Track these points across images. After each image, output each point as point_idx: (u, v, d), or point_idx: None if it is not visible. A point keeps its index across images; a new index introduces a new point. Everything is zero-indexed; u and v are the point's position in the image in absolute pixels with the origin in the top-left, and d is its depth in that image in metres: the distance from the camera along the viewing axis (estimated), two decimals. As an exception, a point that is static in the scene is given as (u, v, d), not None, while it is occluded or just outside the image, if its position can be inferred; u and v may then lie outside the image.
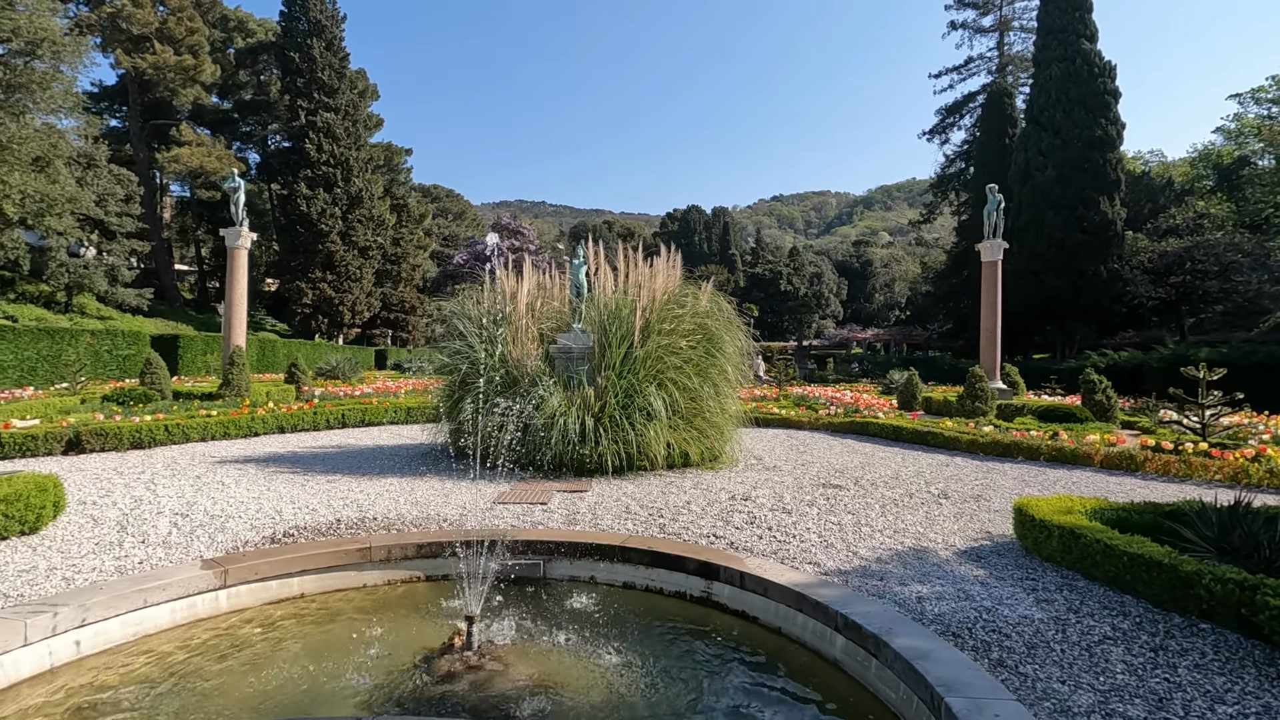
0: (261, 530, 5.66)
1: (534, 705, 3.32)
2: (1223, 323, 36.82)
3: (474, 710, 3.30)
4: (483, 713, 3.28)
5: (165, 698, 3.39)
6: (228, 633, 4.10)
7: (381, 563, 4.93)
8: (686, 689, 3.51)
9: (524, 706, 3.31)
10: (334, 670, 3.68)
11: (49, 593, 4.16)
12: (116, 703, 3.32)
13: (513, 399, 8.46)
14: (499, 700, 3.38)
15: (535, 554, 5.09)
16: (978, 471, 9.25)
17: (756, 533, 5.86)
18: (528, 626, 4.25)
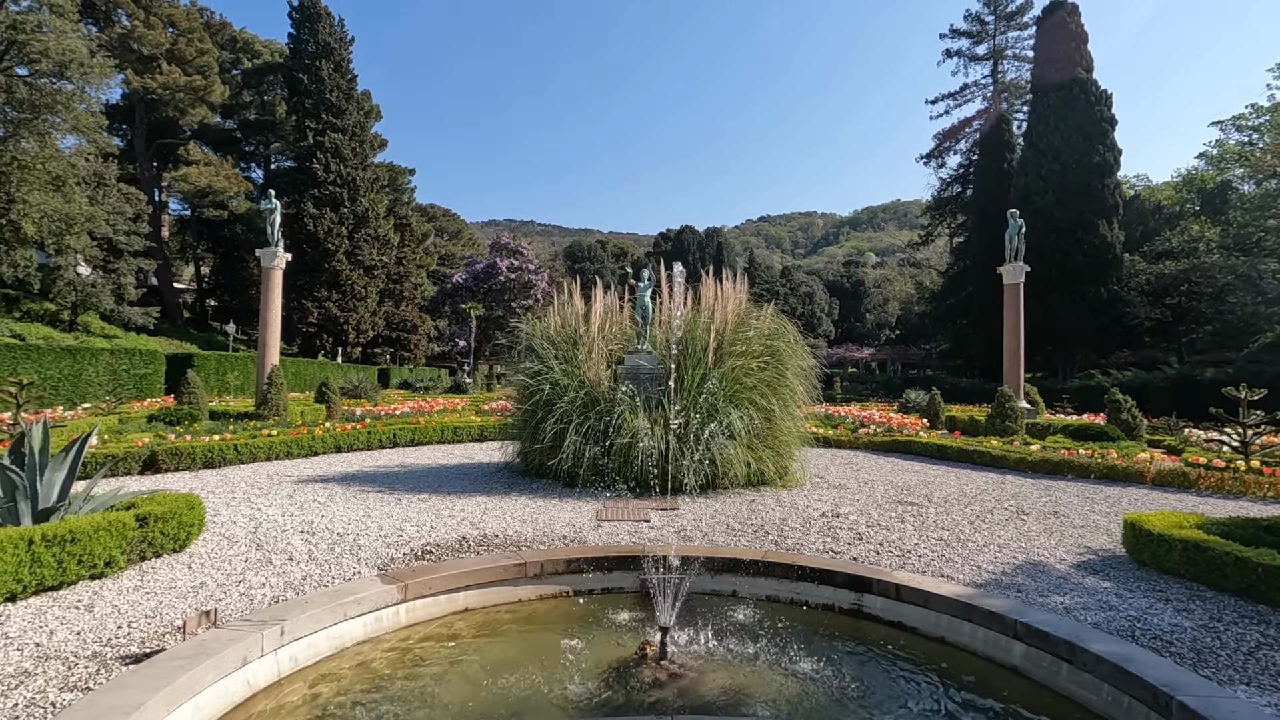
0: (399, 547, 5.82)
1: (752, 711, 3.51)
2: (1213, 342, 37.68)
3: (695, 715, 3.49)
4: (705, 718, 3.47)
5: (385, 703, 3.55)
6: (418, 644, 4.26)
7: (534, 578, 5.10)
8: (880, 695, 3.72)
9: (744, 711, 3.50)
10: (536, 679, 3.84)
11: (232, 609, 4.30)
12: (348, 705, 3.47)
13: (595, 419, 8.67)
14: (712, 706, 3.57)
15: (667, 570, 5.27)
16: (1035, 489, 9.53)
17: (869, 548, 6.09)
18: (698, 638, 4.44)
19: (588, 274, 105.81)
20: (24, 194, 23.19)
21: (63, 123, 23.16)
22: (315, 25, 43.99)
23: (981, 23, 48.60)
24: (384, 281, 48.33)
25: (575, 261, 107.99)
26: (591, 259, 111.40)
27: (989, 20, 48.37)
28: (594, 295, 10.16)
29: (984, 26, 48.59)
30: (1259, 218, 35.32)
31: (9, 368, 19.09)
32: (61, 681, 3.32)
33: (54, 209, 24.70)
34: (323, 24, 44.28)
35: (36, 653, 3.65)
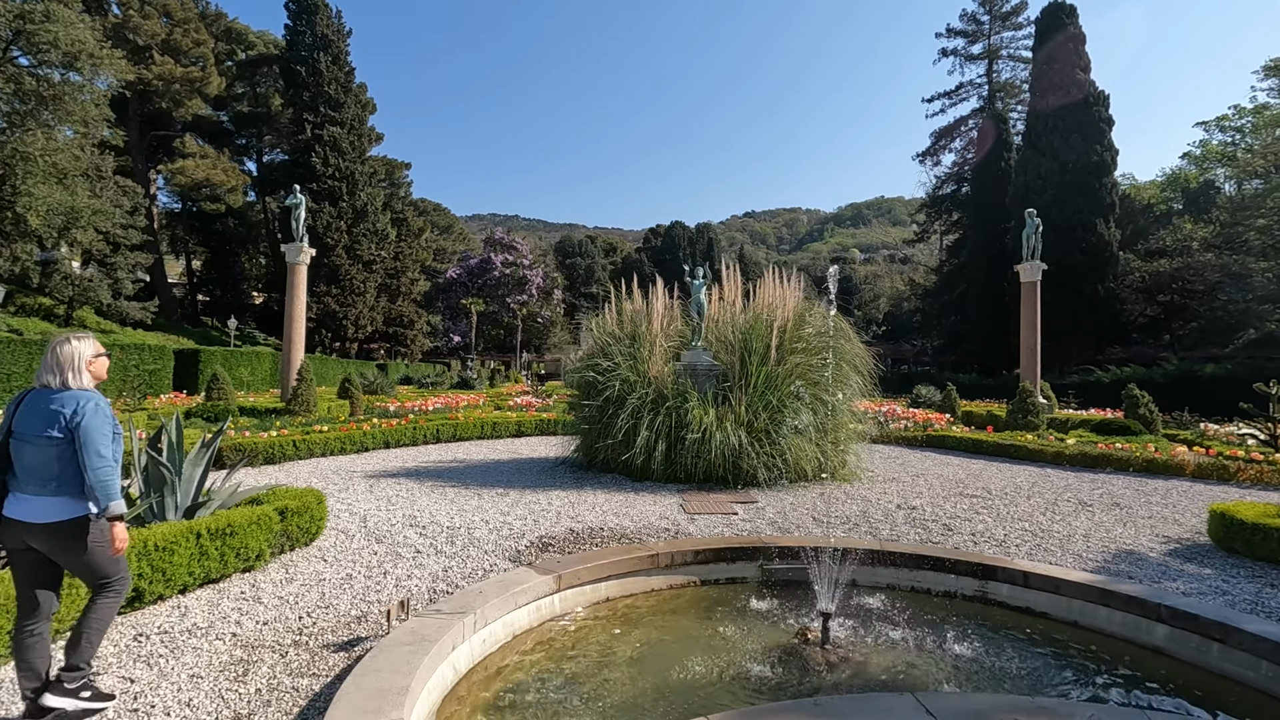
0: (516, 540, 5.96)
1: (935, 687, 3.71)
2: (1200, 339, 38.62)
3: (885, 691, 3.68)
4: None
5: (574, 682, 3.69)
6: (584, 629, 4.42)
7: (665, 568, 5.27)
8: (1040, 675, 3.94)
9: (927, 688, 3.70)
10: (713, 661, 4.01)
11: (386, 598, 4.44)
12: (546, 685, 3.62)
13: (666, 415, 8.84)
14: (891, 684, 3.76)
15: (795, 559, 5.48)
16: (1081, 482, 9.85)
17: (963, 538, 6.33)
18: (844, 624, 4.63)
19: (579, 269, 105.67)
20: (29, 186, 22.83)
21: (70, 115, 22.78)
22: (313, 17, 43.53)
23: (977, 22, 49.21)
24: (382, 276, 48.03)
25: (566, 257, 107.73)
26: (583, 254, 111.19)
27: (984, 20, 48.99)
28: (656, 293, 10.30)
29: (979, 26, 49.21)
30: (1248, 217, 36.23)
31: (24, 363, 18.89)
32: (285, 668, 3.45)
33: (58, 202, 24.32)
34: (320, 15, 43.83)
35: (236, 643, 3.77)
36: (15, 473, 2.90)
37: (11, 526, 2.88)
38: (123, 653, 3.60)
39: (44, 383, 2.98)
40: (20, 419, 2.91)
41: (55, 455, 2.87)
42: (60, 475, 2.88)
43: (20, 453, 2.89)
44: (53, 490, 2.87)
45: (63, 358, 2.98)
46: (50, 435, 2.86)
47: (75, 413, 2.89)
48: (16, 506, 2.87)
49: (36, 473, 2.87)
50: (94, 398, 2.99)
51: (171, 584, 4.27)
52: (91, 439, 2.87)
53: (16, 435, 2.90)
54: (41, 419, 2.88)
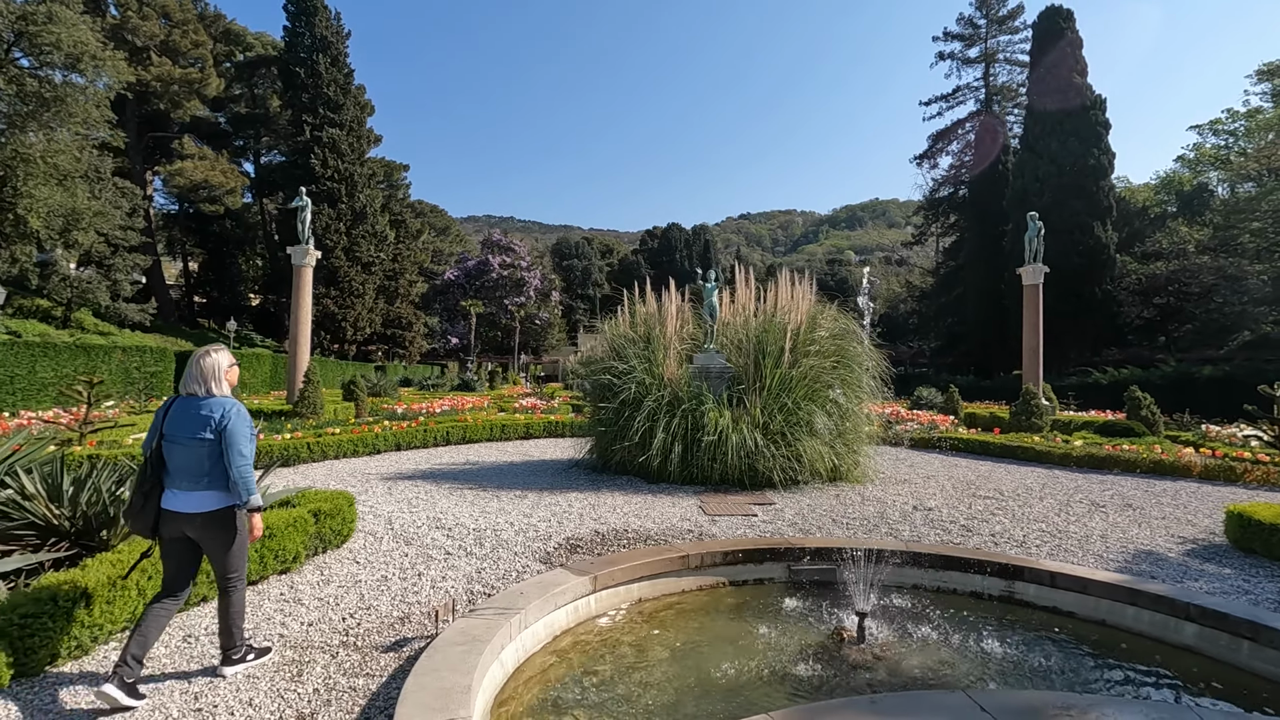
0: (544, 541, 6.02)
1: (975, 685, 3.78)
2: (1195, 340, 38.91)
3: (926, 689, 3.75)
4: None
5: (619, 682, 3.74)
6: (621, 629, 4.48)
7: (695, 569, 5.33)
8: (1075, 673, 4.01)
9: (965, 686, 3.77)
10: (752, 660, 4.07)
11: (425, 599, 4.49)
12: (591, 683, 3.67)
13: (682, 417, 8.90)
14: (930, 682, 3.83)
15: (822, 560, 5.55)
16: (1090, 483, 9.95)
17: (983, 539, 6.41)
18: (875, 623, 4.70)
19: (576, 271, 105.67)
20: (30, 188, 22.75)
21: (71, 116, 22.73)
22: (312, 18, 43.48)
23: (974, 26, 49.48)
24: (380, 278, 47.96)
25: (563, 258, 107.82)
26: (580, 255, 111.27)
27: (981, 24, 49.26)
28: (670, 296, 10.37)
29: (976, 30, 49.47)
30: (1242, 220, 36.55)
31: (27, 365, 18.86)
32: (339, 669, 3.50)
33: (59, 203, 24.25)
34: (319, 17, 43.79)
35: (285, 644, 3.81)
36: (169, 471, 3.29)
37: (171, 518, 3.28)
38: (175, 653, 3.64)
39: (190, 391, 3.37)
40: (170, 423, 3.30)
41: (205, 454, 3.25)
42: (210, 472, 3.27)
43: (172, 453, 3.27)
44: (204, 485, 3.27)
45: (205, 369, 3.39)
46: (201, 437, 3.24)
47: (223, 416, 3.28)
48: (173, 500, 3.28)
49: (188, 470, 3.26)
50: (236, 404, 3.39)
51: (215, 586, 4.30)
52: (235, 440, 3.27)
53: (168, 438, 3.28)
54: (191, 423, 3.26)
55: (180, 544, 3.35)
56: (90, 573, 3.58)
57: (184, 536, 3.33)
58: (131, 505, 3.30)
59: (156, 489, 3.28)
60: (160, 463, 3.29)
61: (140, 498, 3.27)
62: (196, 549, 3.40)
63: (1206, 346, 37.05)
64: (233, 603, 3.42)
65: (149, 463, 3.29)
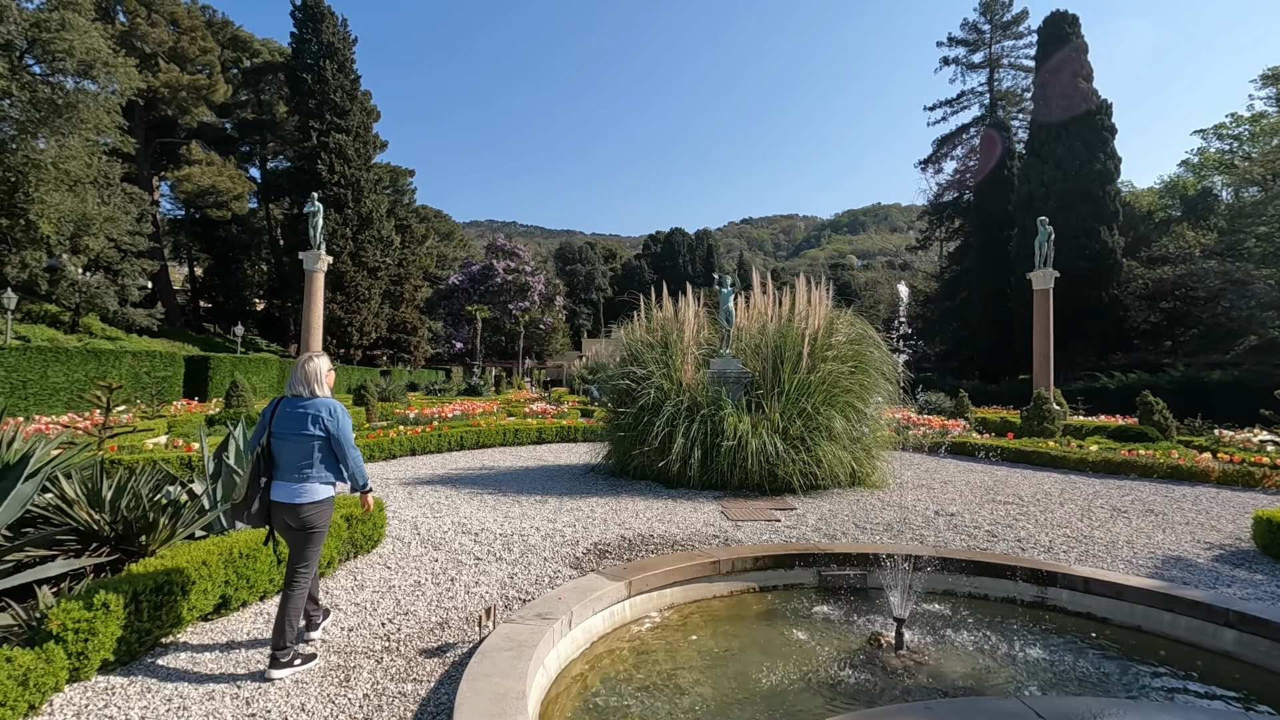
0: (572, 546, 6.03)
1: (1018, 692, 3.77)
2: (1200, 345, 38.85)
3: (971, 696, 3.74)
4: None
5: (660, 687, 3.73)
6: (658, 633, 4.48)
7: (726, 575, 5.33)
8: (1117, 678, 4.00)
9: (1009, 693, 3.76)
10: (792, 665, 4.07)
11: (462, 604, 4.50)
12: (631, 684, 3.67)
13: (701, 422, 8.91)
14: (974, 689, 3.83)
15: (853, 565, 5.55)
16: (1109, 489, 9.93)
17: (1009, 545, 6.40)
18: (910, 630, 4.69)
19: (579, 275, 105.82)
20: (42, 194, 22.86)
21: (84, 123, 22.85)
22: (319, 25, 43.70)
23: (978, 31, 49.58)
24: (386, 283, 48.06)
25: (567, 263, 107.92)
26: (583, 260, 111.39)
27: (985, 29, 49.36)
28: (686, 301, 10.39)
29: (980, 35, 49.57)
30: (1249, 225, 36.53)
31: (39, 370, 18.91)
32: (385, 674, 3.50)
33: (70, 209, 24.36)
34: (326, 23, 44.01)
35: (328, 649, 3.82)
36: (278, 465, 3.61)
37: (279, 509, 3.60)
38: (218, 660, 3.65)
39: (295, 392, 3.73)
40: (279, 422, 3.63)
41: (313, 449, 3.60)
42: (313, 465, 3.61)
43: (280, 449, 3.60)
44: (306, 478, 3.60)
45: (310, 373, 3.75)
46: (309, 433, 3.59)
47: (330, 415, 3.65)
48: (279, 491, 3.59)
49: (294, 464, 3.59)
50: (338, 403, 3.75)
51: (254, 590, 4.32)
52: (346, 436, 3.68)
53: (276, 435, 3.61)
54: (299, 421, 3.60)
55: (287, 531, 3.67)
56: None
57: (287, 525, 3.63)
58: (246, 498, 3.58)
59: (265, 481, 3.60)
60: (269, 458, 3.60)
61: (253, 490, 3.57)
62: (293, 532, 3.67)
63: (1212, 351, 36.98)
64: (294, 598, 3.56)
65: (260, 458, 3.59)
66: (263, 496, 3.58)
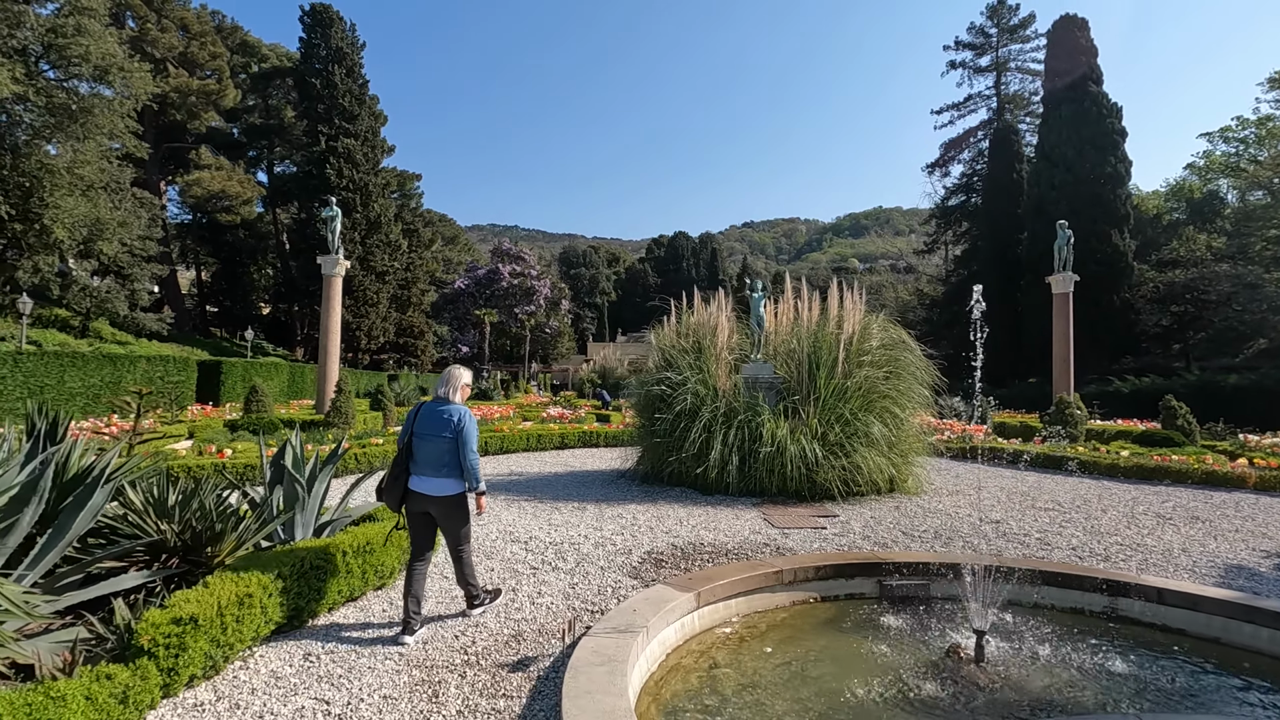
0: (627, 555, 5.96)
1: (1115, 708, 3.69)
2: (1210, 348, 38.74)
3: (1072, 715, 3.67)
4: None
5: (742, 699, 3.66)
6: (727, 646, 4.41)
7: (789, 584, 5.26)
8: (1208, 694, 3.92)
9: (1106, 709, 3.68)
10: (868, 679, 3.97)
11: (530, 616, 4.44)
12: (712, 696, 3.60)
13: (738, 428, 8.84)
14: (1068, 705, 3.75)
15: (915, 575, 5.47)
16: (1144, 494, 9.84)
17: (1064, 553, 6.33)
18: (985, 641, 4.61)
19: (583, 279, 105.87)
20: (57, 199, 22.87)
21: (99, 128, 22.86)
22: (328, 30, 43.76)
23: (985, 35, 49.61)
24: (394, 287, 48.05)
25: (571, 267, 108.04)
26: (587, 264, 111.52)
27: (992, 33, 49.39)
28: (719, 306, 10.34)
29: (987, 39, 49.60)
30: (1260, 228, 36.47)
31: (56, 375, 18.88)
32: (472, 689, 3.43)
33: (84, 214, 24.37)
34: (335, 29, 44.08)
35: (405, 662, 3.75)
36: (416, 460, 4.16)
37: (415, 497, 4.16)
38: (302, 672, 3.58)
39: (440, 395, 4.32)
40: (420, 423, 4.21)
41: (446, 449, 4.13)
42: (449, 463, 4.14)
43: (420, 447, 4.16)
44: (444, 474, 4.14)
45: (452, 381, 4.38)
46: (444, 435, 4.12)
47: (459, 420, 4.17)
48: (419, 483, 4.14)
49: (432, 461, 4.13)
50: (469, 411, 4.29)
51: (324, 602, 4.26)
52: (469, 440, 4.16)
53: (417, 435, 4.18)
54: (438, 423, 4.16)
55: (422, 517, 4.24)
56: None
57: (425, 512, 4.20)
58: (387, 486, 4.20)
59: (405, 474, 4.16)
60: (409, 453, 4.18)
61: (393, 479, 4.16)
62: (432, 521, 4.26)
63: (1221, 355, 36.88)
64: (465, 564, 4.32)
65: (402, 453, 4.19)
66: (400, 485, 4.15)
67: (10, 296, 30.58)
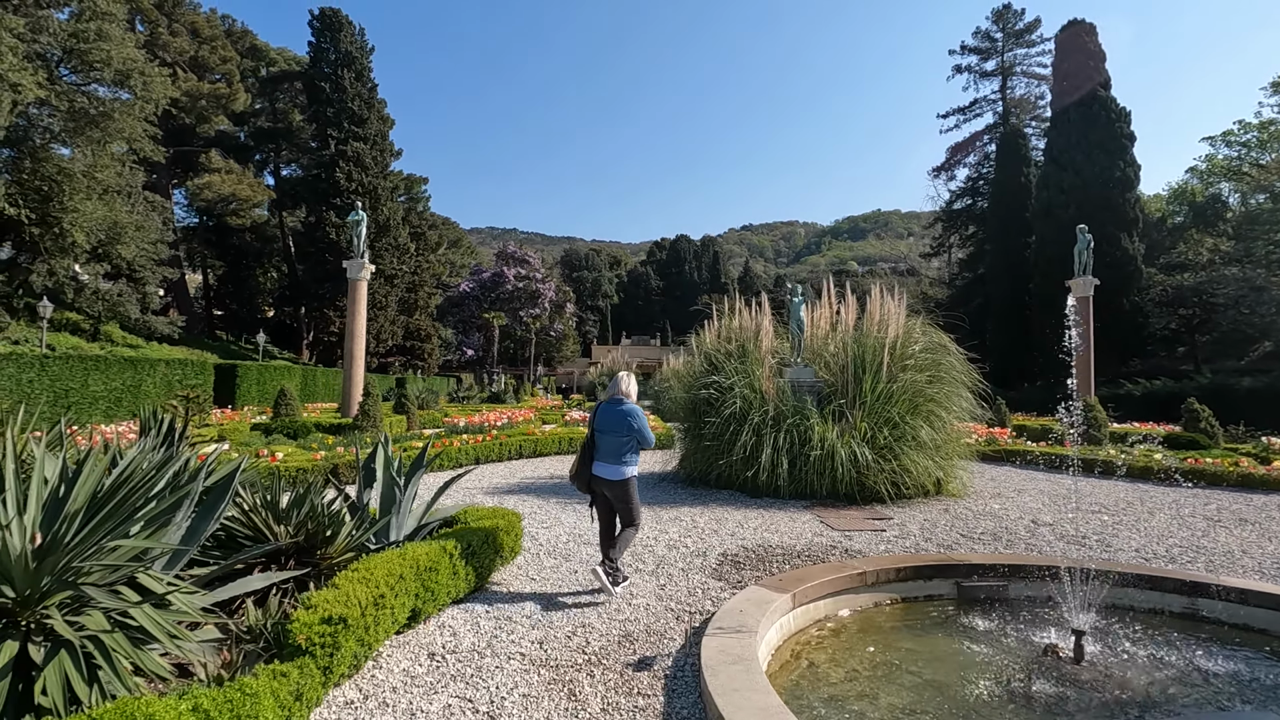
0: (700, 556, 6.05)
1: (1225, 705, 3.78)
2: (1215, 351, 38.88)
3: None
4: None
5: (855, 694, 3.73)
6: (828, 645, 4.48)
7: (871, 586, 5.34)
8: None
9: (1219, 707, 3.77)
10: (975, 679, 4.05)
11: (633, 617, 4.51)
12: (826, 694, 3.67)
13: (786, 431, 8.93)
14: (1174, 701, 3.83)
15: (993, 577, 5.55)
16: (1185, 496, 9.94)
17: (1129, 555, 6.41)
18: (1073, 640, 4.69)
19: (585, 282, 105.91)
20: (76, 203, 22.93)
21: (120, 132, 22.94)
22: (337, 34, 43.90)
23: (991, 40, 49.88)
24: (402, 290, 48.12)
25: (573, 270, 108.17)
26: (589, 267, 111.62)
27: (998, 37, 49.67)
28: (762, 309, 10.44)
29: (993, 43, 49.88)
30: (1267, 232, 36.66)
31: (80, 379, 18.93)
32: (606, 688, 3.50)
33: (102, 218, 24.44)
34: (344, 33, 44.22)
35: (529, 662, 3.82)
36: (598, 450, 5.12)
37: (598, 481, 5.11)
38: (433, 671, 3.65)
39: (615, 397, 5.22)
40: (601, 420, 5.14)
41: (624, 443, 5.05)
42: (623, 455, 5.05)
43: (601, 441, 5.12)
44: (619, 462, 5.05)
45: (623, 385, 5.32)
46: (621, 430, 5.04)
47: (636, 418, 5.08)
48: (600, 469, 5.10)
49: (610, 452, 5.07)
50: (639, 409, 5.20)
51: (436, 603, 4.34)
52: (645, 433, 5.09)
53: (599, 430, 5.13)
54: (615, 420, 5.08)
55: (603, 498, 5.17)
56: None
57: (604, 494, 5.12)
58: (577, 471, 5.20)
59: (590, 461, 5.14)
60: (593, 445, 5.16)
61: (581, 465, 5.18)
62: (610, 501, 5.15)
63: (1228, 357, 37.05)
64: (624, 542, 5.09)
65: (586, 445, 5.20)
66: (587, 470, 5.14)
67: (23, 300, 30.67)
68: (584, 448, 5.18)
